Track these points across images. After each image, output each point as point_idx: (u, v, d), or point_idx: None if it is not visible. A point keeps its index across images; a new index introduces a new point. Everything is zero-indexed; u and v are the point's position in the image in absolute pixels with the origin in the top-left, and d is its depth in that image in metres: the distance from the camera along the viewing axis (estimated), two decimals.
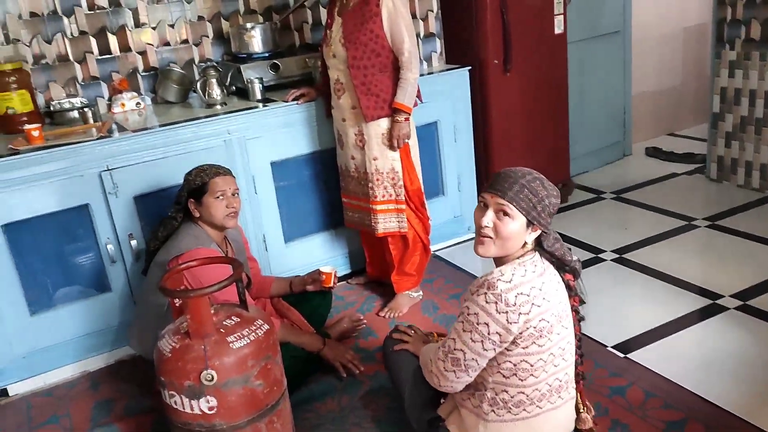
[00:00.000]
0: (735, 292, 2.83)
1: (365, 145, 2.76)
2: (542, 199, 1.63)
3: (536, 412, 1.72)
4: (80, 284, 2.72)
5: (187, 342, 1.87)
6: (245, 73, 3.08)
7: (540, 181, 1.66)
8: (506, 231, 1.63)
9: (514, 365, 1.65)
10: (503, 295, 1.58)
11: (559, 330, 1.67)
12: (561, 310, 1.68)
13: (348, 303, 3.08)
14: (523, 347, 1.62)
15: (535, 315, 1.60)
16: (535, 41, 3.66)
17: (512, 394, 1.68)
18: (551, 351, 1.66)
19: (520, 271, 1.63)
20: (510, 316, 1.58)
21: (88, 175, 2.57)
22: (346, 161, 2.89)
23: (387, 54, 2.64)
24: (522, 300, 1.59)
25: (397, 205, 2.83)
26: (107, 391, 2.59)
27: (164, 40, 3.22)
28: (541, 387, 1.69)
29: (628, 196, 4.09)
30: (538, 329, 1.61)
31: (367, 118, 2.68)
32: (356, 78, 2.65)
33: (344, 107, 2.77)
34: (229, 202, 2.37)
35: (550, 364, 1.68)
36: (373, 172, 2.78)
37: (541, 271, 1.66)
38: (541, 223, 1.65)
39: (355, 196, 2.92)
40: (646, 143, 5.00)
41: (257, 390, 1.91)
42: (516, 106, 3.69)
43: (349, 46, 2.63)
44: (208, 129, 2.78)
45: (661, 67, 5.13)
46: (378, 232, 2.86)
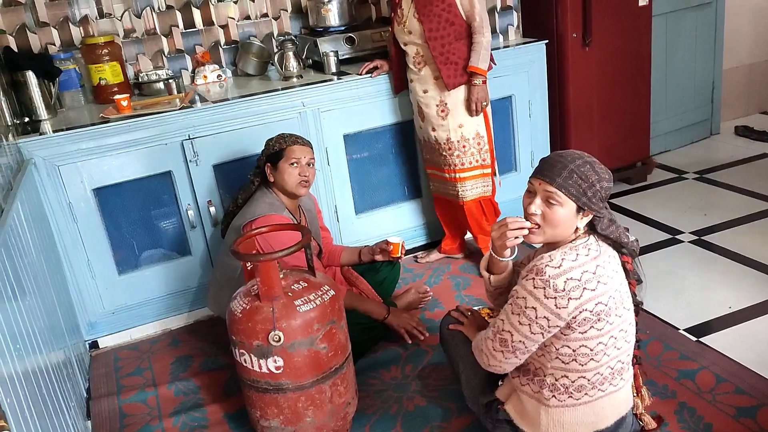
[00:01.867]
0: None
1: (449, 114, 2.82)
2: (593, 184, 1.59)
3: (598, 395, 1.70)
4: (163, 247, 2.88)
5: (257, 304, 1.96)
6: (321, 47, 3.13)
7: (591, 165, 1.61)
8: (555, 218, 1.60)
9: (573, 350, 1.62)
10: (551, 281, 1.55)
11: (621, 312, 1.63)
12: (621, 292, 1.65)
13: (416, 275, 3.12)
14: (581, 332, 1.59)
15: (588, 299, 1.56)
16: (618, 14, 3.53)
17: (573, 379, 1.66)
18: (612, 334, 1.62)
19: (571, 255, 1.59)
20: (559, 302, 1.55)
21: (171, 144, 2.71)
22: (427, 133, 2.94)
23: (460, 22, 2.70)
24: (572, 285, 1.55)
25: (483, 170, 2.90)
26: (186, 348, 2.76)
27: (245, 14, 3.32)
28: (603, 371, 1.66)
29: (713, 176, 3.91)
30: (594, 313, 1.58)
31: (449, 86, 2.75)
32: (435, 49, 2.71)
33: (426, 79, 2.83)
34: (303, 171, 2.45)
35: (612, 348, 1.64)
36: (459, 139, 2.85)
37: (596, 255, 1.61)
38: (593, 209, 1.61)
39: (438, 167, 2.97)
40: (736, 122, 4.74)
41: (322, 353, 1.99)
42: (594, 82, 3.58)
43: (423, 19, 2.70)
44: (284, 101, 2.86)
45: (755, 41, 4.83)
46: (467, 199, 2.94)
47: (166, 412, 2.35)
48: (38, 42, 3.00)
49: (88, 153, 2.59)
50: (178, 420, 2.30)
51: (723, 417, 2.01)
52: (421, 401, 2.26)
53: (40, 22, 2.98)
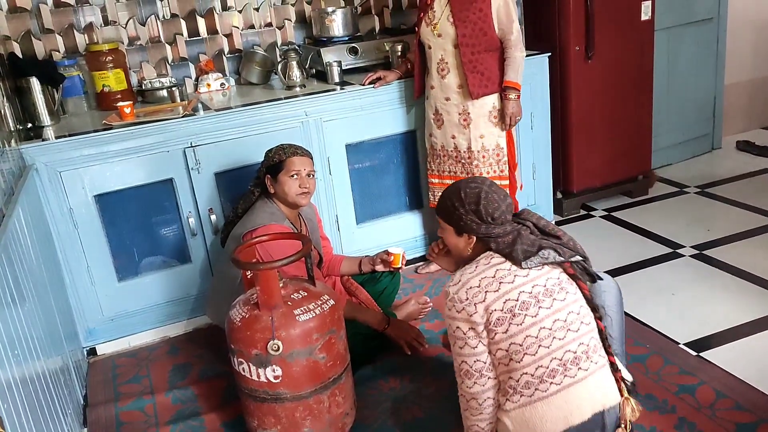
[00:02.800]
0: None
1: (470, 124, 2.85)
2: (455, 210, 1.79)
3: (554, 389, 1.68)
4: (163, 254, 2.88)
5: (256, 313, 1.96)
6: (324, 57, 3.15)
7: (458, 192, 1.80)
8: (446, 242, 1.89)
9: (506, 351, 1.70)
10: (455, 296, 1.72)
11: (547, 304, 1.69)
12: (541, 287, 1.71)
13: (416, 286, 3.11)
14: (503, 331, 1.68)
15: (493, 299, 1.68)
16: (620, 28, 3.54)
17: (516, 378, 1.70)
18: (542, 326, 1.68)
19: (469, 269, 1.76)
20: (467, 309, 1.70)
21: (173, 151, 2.72)
22: (444, 140, 2.95)
23: (492, 34, 2.74)
24: (473, 292, 1.70)
25: (500, 181, 2.90)
26: (185, 356, 2.75)
27: (249, 23, 3.34)
28: (546, 363, 1.67)
29: (714, 190, 3.91)
30: (506, 311, 1.68)
31: (473, 95, 2.78)
32: (464, 56, 2.74)
33: (450, 86, 2.84)
34: (303, 182, 2.45)
35: (549, 339, 1.68)
36: (479, 149, 2.88)
37: (499, 261, 1.74)
38: (467, 231, 1.79)
39: (452, 175, 2.99)
40: (737, 136, 4.75)
41: (320, 363, 1.99)
42: (597, 95, 3.59)
43: (458, 24, 2.72)
44: (287, 110, 2.87)
45: (757, 57, 4.84)
46: None
47: (163, 420, 2.34)
48: (43, 48, 3.01)
49: (89, 159, 2.60)
50: (175, 428, 2.29)
51: None
52: (420, 413, 2.25)
53: (44, 28, 3.00)
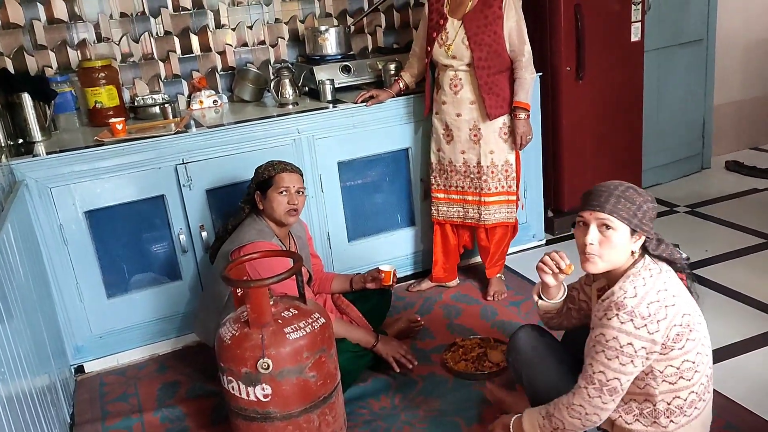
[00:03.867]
0: None
1: (481, 140, 2.88)
2: (641, 206, 1.65)
3: (703, 406, 1.72)
4: (153, 271, 2.86)
5: (247, 330, 1.95)
6: (317, 75, 3.16)
7: (633, 189, 1.68)
8: (612, 243, 1.65)
9: (677, 368, 1.64)
10: (635, 311, 1.59)
11: (700, 321, 1.69)
12: (692, 302, 1.70)
13: (407, 304, 3.11)
14: (680, 348, 1.62)
15: (673, 315, 1.61)
16: (611, 48, 3.58)
17: (684, 397, 1.67)
18: (701, 341, 1.67)
19: (638, 281, 1.64)
20: (650, 327, 1.59)
21: (165, 168, 2.71)
22: (453, 156, 2.98)
23: (505, 55, 2.79)
24: (654, 308, 1.60)
25: (508, 197, 2.98)
26: (173, 374, 2.72)
27: (242, 41, 3.36)
28: (704, 380, 1.70)
29: (704, 210, 3.94)
30: (684, 325, 1.62)
31: (490, 116, 2.83)
32: (481, 78, 2.77)
33: (462, 102, 2.87)
34: (291, 199, 2.44)
35: (705, 355, 1.69)
36: (489, 165, 2.92)
37: (659, 271, 1.67)
38: (644, 229, 1.66)
39: (459, 190, 3.02)
40: (726, 156, 4.79)
41: (310, 381, 1.97)
42: (588, 114, 3.62)
43: (474, 47, 2.75)
44: (279, 127, 2.88)
45: (746, 78, 4.90)
46: (488, 223, 2.99)
47: None
48: (35, 64, 3.02)
49: (80, 175, 2.59)
50: None
51: None
52: None
53: (38, 45, 3.01)
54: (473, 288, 3.21)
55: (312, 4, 3.43)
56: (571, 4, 3.40)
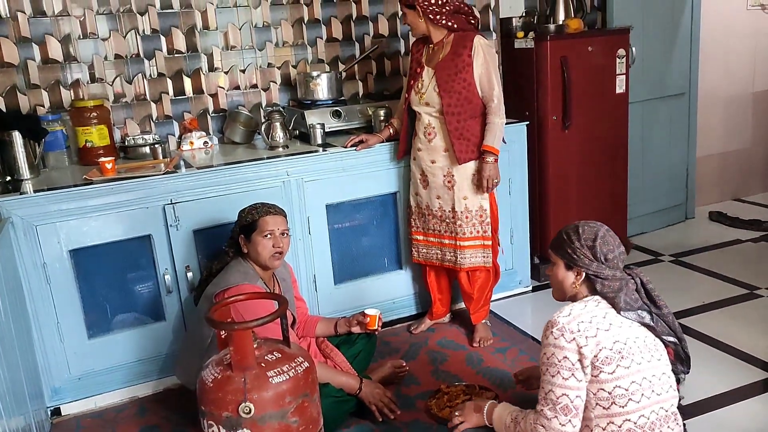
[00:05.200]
0: None
1: (455, 186, 2.92)
2: (571, 243, 1.85)
3: None
4: (137, 311, 2.83)
5: (229, 374, 1.92)
6: (308, 119, 3.20)
7: (575, 228, 1.88)
8: (555, 274, 1.90)
9: (608, 393, 1.72)
10: (566, 326, 1.75)
11: (648, 358, 1.77)
12: (646, 343, 1.78)
13: (393, 349, 3.08)
14: (610, 371, 1.71)
15: (604, 338, 1.73)
16: (596, 99, 3.67)
17: (618, 423, 1.71)
18: (644, 375, 1.74)
19: (579, 305, 1.81)
20: (579, 340, 1.72)
21: (152, 208, 2.71)
22: (430, 200, 3.02)
23: (477, 101, 2.83)
24: (584, 326, 1.74)
25: (483, 241, 3.00)
26: (153, 417, 2.67)
27: (234, 84, 3.40)
28: (647, 414, 1.73)
29: (688, 260, 3.97)
30: (614, 351, 1.72)
31: (459, 161, 2.86)
32: (450, 124, 2.82)
33: (436, 150, 2.92)
34: (276, 242, 2.44)
35: (649, 390, 1.74)
36: (463, 210, 2.95)
37: (604, 307, 1.81)
38: (578, 264, 1.83)
39: (436, 233, 3.05)
40: (710, 207, 4.86)
41: (293, 426, 1.94)
42: (574, 163, 3.68)
43: (443, 94, 2.81)
44: (269, 170, 2.89)
45: (728, 130, 5.02)
46: (464, 266, 3.01)
47: None
48: (27, 103, 3.04)
49: (67, 214, 2.58)
50: None
51: None
52: None
53: (30, 84, 3.03)
54: (459, 334, 3.20)
55: (305, 50, 3.50)
56: (558, 55, 3.49)
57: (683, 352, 1.90)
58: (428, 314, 3.27)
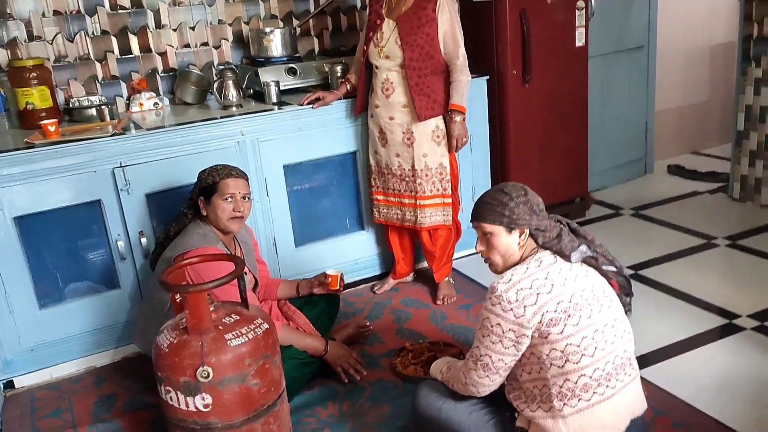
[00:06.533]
0: (753, 313, 2.75)
1: (414, 143, 2.85)
2: (506, 204, 1.77)
3: (609, 392, 1.72)
4: (90, 280, 2.74)
5: (185, 338, 1.86)
6: (262, 77, 3.09)
7: (501, 191, 1.81)
8: (493, 245, 1.80)
9: (561, 351, 1.68)
10: (504, 295, 1.69)
11: (597, 308, 1.73)
12: (593, 292, 1.74)
13: (356, 309, 3.05)
14: (558, 332, 1.67)
15: (545, 302, 1.68)
16: (556, 53, 3.63)
17: (574, 380, 1.69)
18: (595, 328, 1.70)
19: (520, 269, 1.75)
20: (516, 311, 1.68)
21: (101, 171, 2.60)
22: (389, 159, 2.95)
23: (438, 57, 2.76)
24: (524, 294, 1.69)
25: (443, 199, 2.95)
26: (111, 386, 2.60)
27: (184, 42, 3.26)
28: (602, 365, 1.71)
29: (648, 213, 4.01)
30: (560, 311, 1.68)
31: (420, 117, 2.79)
32: (411, 79, 2.74)
33: (394, 106, 2.84)
34: (237, 206, 2.37)
35: (602, 342, 1.71)
36: (422, 168, 2.88)
37: (548, 264, 1.75)
38: (519, 224, 1.77)
39: (396, 193, 3.00)
40: (668, 161, 4.92)
41: (253, 389, 1.90)
42: (534, 118, 3.65)
43: (405, 48, 2.73)
44: (222, 130, 2.80)
45: (686, 84, 5.05)
46: (424, 225, 2.98)
47: None
48: None
49: (9, 179, 2.46)
50: None
51: None
52: None
53: None
54: (423, 292, 3.19)
55: (257, 5, 3.37)
56: (517, 8, 3.43)
57: (623, 277, 1.88)
58: (391, 274, 3.24)
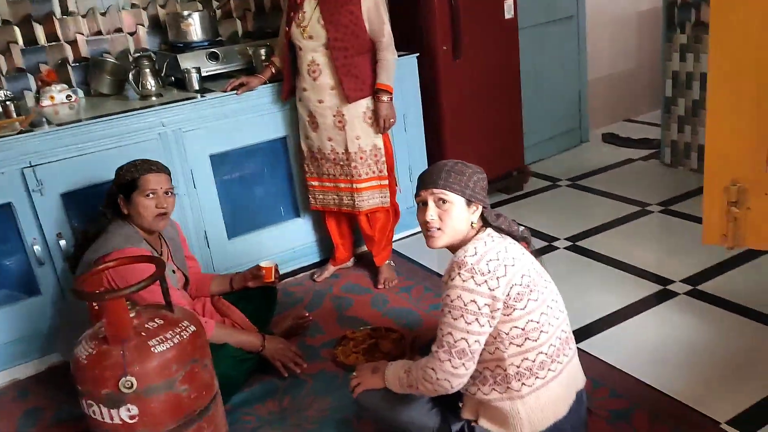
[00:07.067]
0: (685, 277, 2.80)
1: (346, 126, 2.77)
2: (471, 176, 1.72)
3: (559, 368, 1.71)
4: (6, 287, 2.59)
5: (105, 347, 1.76)
6: (182, 63, 2.95)
7: (461, 164, 1.75)
8: (450, 215, 1.70)
9: (521, 329, 1.64)
10: (475, 267, 1.61)
11: (545, 284, 1.73)
12: (536, 268, 1.74)
13: (296, 299, 2.98)
14: (522, 307, 1.63)
15: (512, 273, 1.63)
16: (485, 27, 3.58)
17: (532, 358, 1.66)
18: (547, 303, 1.70)
19: (480, 243, 1.68)
20: (490, 283, 1.61)
21: (9, 173, 2.43)
22: (321, 143, 2.87)
23: (364, 36, 2.68)
24: (494, 265, 1.62)
25: (380, 181, 2.89)
26: (36, 399, 2.46)
27: (96, 30, 3.08)
28: (554, 341, 1.69)
29: (584, 183, 4.05)
30: (524, 285, 1.64)
31: (349, 99, 2.71)
32: (337, 59, 2.65)
33: (323, 88, 2.75)
34: (160, 202, 2.26)
35: (552, 317, 1.70)
36: (356, 151, 2.81)
37: (500, 239, 1.72)
38: (479, 199, 1.72)
39: (331, 178, 2.92)
40: (603, 129, 4.97)
41: (183, 396, 1.81)
42: (467, 94, 3.61)
43: (329, 27, 2.64)
44: (142, 121, 2.66)
45: (615, 52, 5.09)
46: (363, 209, 2.91)
47: None
48: None
49: None
50: None
51: (599, 423, 2.02)
52: None
53: None
54: (364, 277, 3.13)
55: None
56: None
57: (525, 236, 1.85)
58: (331, 260, 3.18)
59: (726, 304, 2.58)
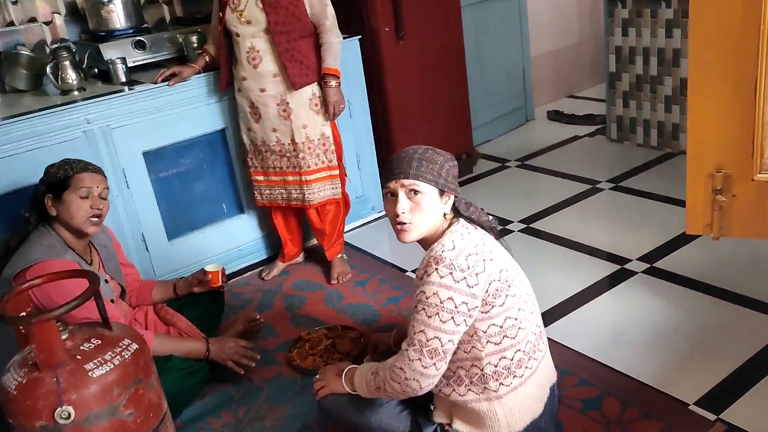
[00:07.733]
0: (642, 255, 2.78)
1: (291, 115, 2.63)
2: (443, 165, 1.61)
3: (535, 365, 1.65)
4: None
5: (36, 375, 1.58)
6: (105, 53, 2.74)
7: (432, 151, 1.64)
8: (423, 208, 1.60)
9: (500, 327, 1.57)
10: (454, 263, 1.52)
11: (520, 278, 1.66)
12: (512, 262, 1.67)
13: (244, 301, 2.83)
14: (500, 304, 1.56)
15: (491, 269, 1.55)
16: (428, 6, 3.47)
17: (510, 356, 1.59)
18: (524, 299, 1.63)
19: (456, 236, 1.58)
20: (469, 280, 1.51)
21: None
22: (265, 135, 2.71)
23: (306, 19, 2.56)
24: (473, 260, 1.53)
25: (330, 172, 2.78)
26: None
27: (7, 20, 2.82)
28: (530, 337, 1.63)
29: (533, 162, 4.01)
30: (503, 281, 1.57)
31: (295, 85, 2.58)
32: (280, 44, 2.53)
33: (264, 76, 2.59)
34: (95, 203, 2.07)
35: (528, 312, 1.64)
36: (304, 141, 2.68)
37: (475, 231, 1.63)
38: (451, 188, 1.62)
39: (278, 171, 2.77)
40: (547, 107, 4.95)
41: (128, 421, 1.65)
42: (412, 76, 3.50)
43: (269, 10, 2.49)
44: (64, 119, 2.46)
45: (556, 28, 5.07)
46: (313, 202, 2.77)
47: None
48: None
49: None
50: None
51: (570, 413, 1.97)
52: None
53: None
54: (315, 272, 3.00)
55: None
56: None
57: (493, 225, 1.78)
58: (280, 257, 3.03)
59: (684, 280, 2.57)
